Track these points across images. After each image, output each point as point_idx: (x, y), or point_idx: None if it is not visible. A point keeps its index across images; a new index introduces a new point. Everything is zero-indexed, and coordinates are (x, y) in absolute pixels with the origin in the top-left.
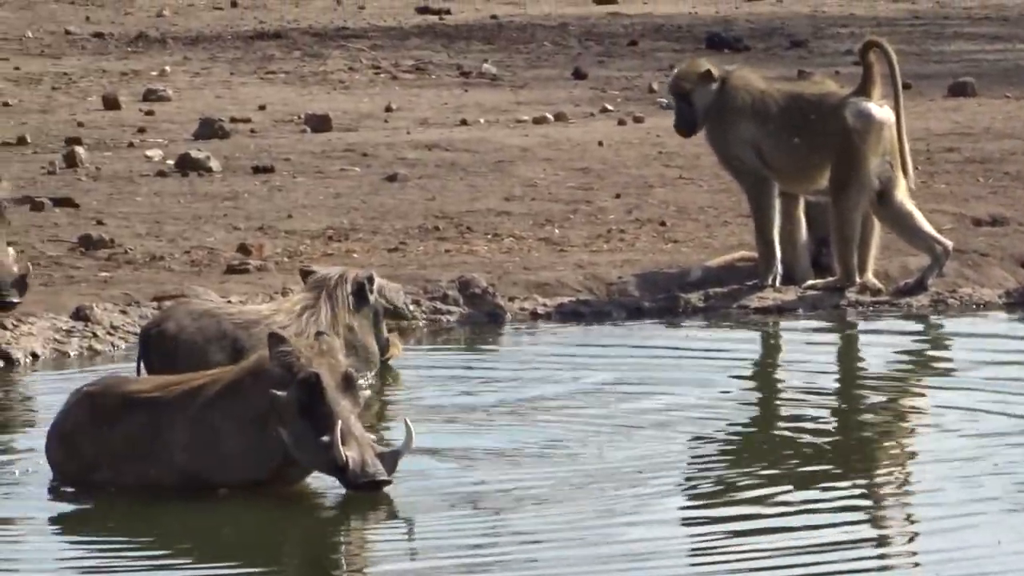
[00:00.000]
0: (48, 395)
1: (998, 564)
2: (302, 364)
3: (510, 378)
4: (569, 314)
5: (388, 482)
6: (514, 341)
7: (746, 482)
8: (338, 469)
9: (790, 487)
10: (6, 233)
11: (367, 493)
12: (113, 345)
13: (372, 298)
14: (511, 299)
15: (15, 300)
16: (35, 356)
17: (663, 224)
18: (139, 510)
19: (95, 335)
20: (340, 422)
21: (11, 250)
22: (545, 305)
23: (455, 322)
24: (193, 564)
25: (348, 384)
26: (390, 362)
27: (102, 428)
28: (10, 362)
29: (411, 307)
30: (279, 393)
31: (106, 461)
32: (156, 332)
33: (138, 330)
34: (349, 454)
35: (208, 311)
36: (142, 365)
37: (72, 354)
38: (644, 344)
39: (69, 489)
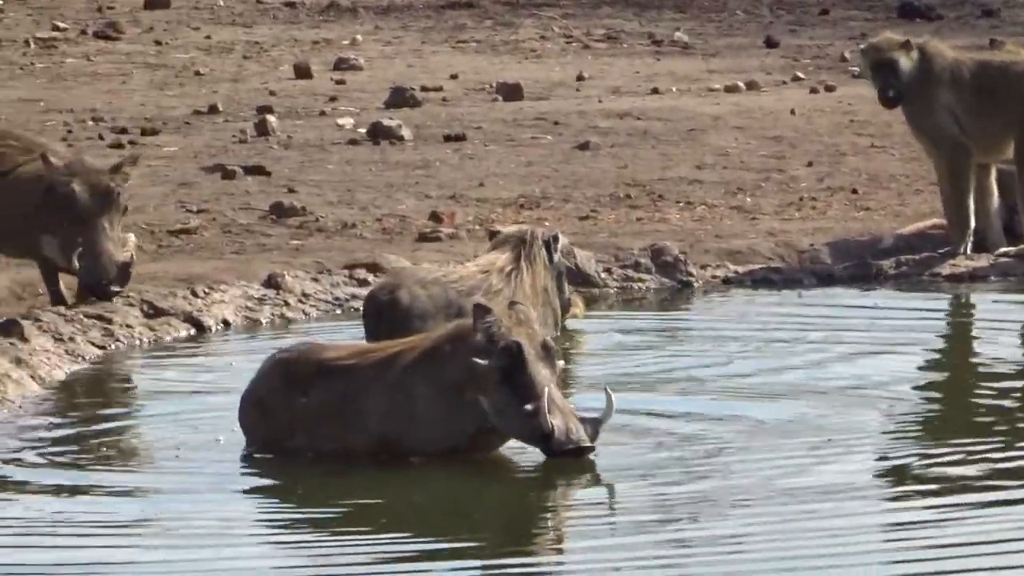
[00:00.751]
0: (241, 362)
1: None
2: (503, 333)
3: (701, 347)
4: (760, 281)
5: (591, 449)
6: (706, 308)
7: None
8: (543, 437)
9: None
10: (120, 220)
11: (571, 459)
12: (304, 313)
13: (556, 257)
14: (702, 267)
15: (115, 289)
16: (226, 324)
17: (855, 192)
18: (332, 479)
19: (286, 303)
20: (546, 390)
21: (131, 236)
22: (736, 272)
23: (646, 290)
24: (390, 534)
25: (546, 352)
26: (569, 322)
27: (296, 394)
28: (201, 329)
29: (602, 275)
30: (481, 361)
31: (301, 427)
32: (388, 300)
33: (330, 298)
34: (554, 422)
35: (435, 279)
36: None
37: (263, 322)
38: (837, 310)
39: (264, 456)
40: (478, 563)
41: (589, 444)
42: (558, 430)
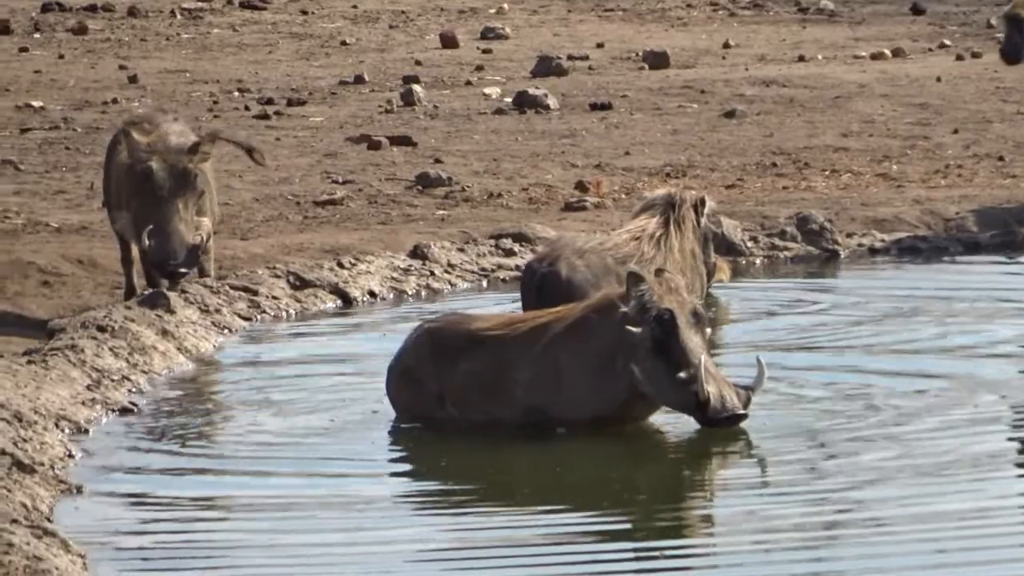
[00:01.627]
0: (391, 332)
1: None
2: (655, 301)
3: (850, 316)
4: (907, 250)
5: (745, 417)
6: (855, 276)
7: None
8: (698, 405)
9: None
10: (195, 204)
11: (724, 427)
12: (451, 284)
13: (703, 221)
14: (848, 235)
15: (184, 271)
16: (372, 295)
17: (1001, 159)
18: (477, 451)
19: (432, 273)
20: (701, 357)
21: (205, 220)
22: (883, 241)
23: (792, 258)
24: (539, 505)
25: (697, 320)
26: (714, 288)
27: (444, 365)
28: (348, 301)
29: (748, 243)
30: (634, 330)
31: (451, 398)
32: (548, 271)
33: (476, 268)
34: (709, 390)
35: (591, 247)
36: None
37: (409, 292)
38: (984, 278)
39: (413, 426)
40: (624, 542)
41: (743, 412)
42: (713, 398)
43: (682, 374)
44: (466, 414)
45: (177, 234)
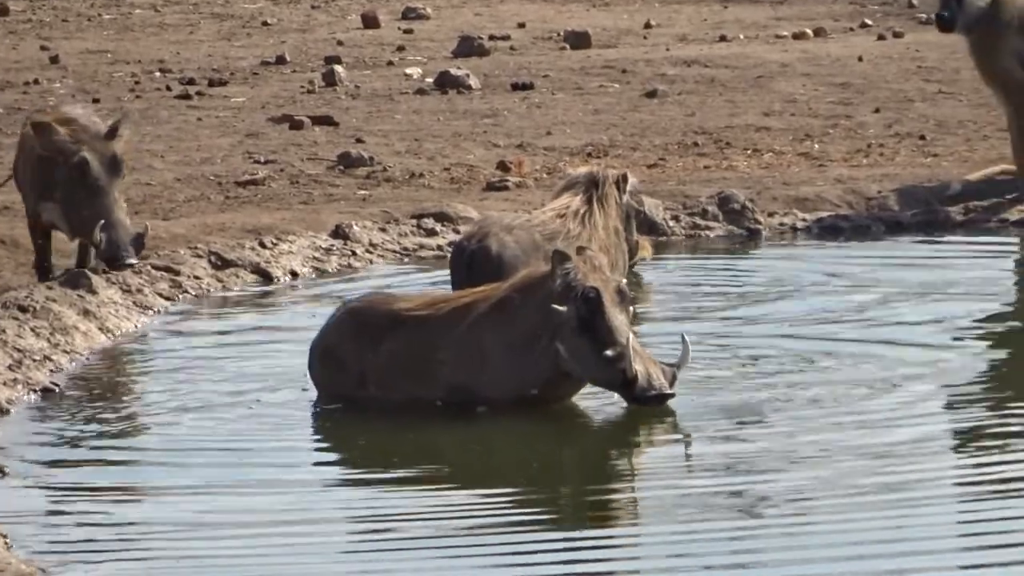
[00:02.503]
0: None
1: None
2: (579, 280)
3: (766, 291)
4: (828, 229)
5: (672, 395)
6: (773, 255)
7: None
8: (625, 383)
9: None
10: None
11: (651, 406)
12: (371, 263)
13: (625, 199)
14: (770, 214)
15: (132, 261)
16: (294, 274)
17: (923, 138)
18: (398, 429)
19: (354, 253)
20: (628, 335)
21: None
22: (804, 220)
23: (714, 237)
24: (457, 486)
25: (621, 298)
26: (635, 268)
27: (367, 345)
28: (269, 280)
29: (669, 222)
30: (559, 308)
31: (373, 378)
32: (479, 248)
33: (398, 247)
34: (636, 368)
35: (520, 224)
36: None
37: (331, 272)
38: (904, 258)
39: (334, 407)
40: (547, 523)
41: (670, 392)
42: (640, 376)
43: (609, 352)
44: (388, 394)
45: (123, 226)
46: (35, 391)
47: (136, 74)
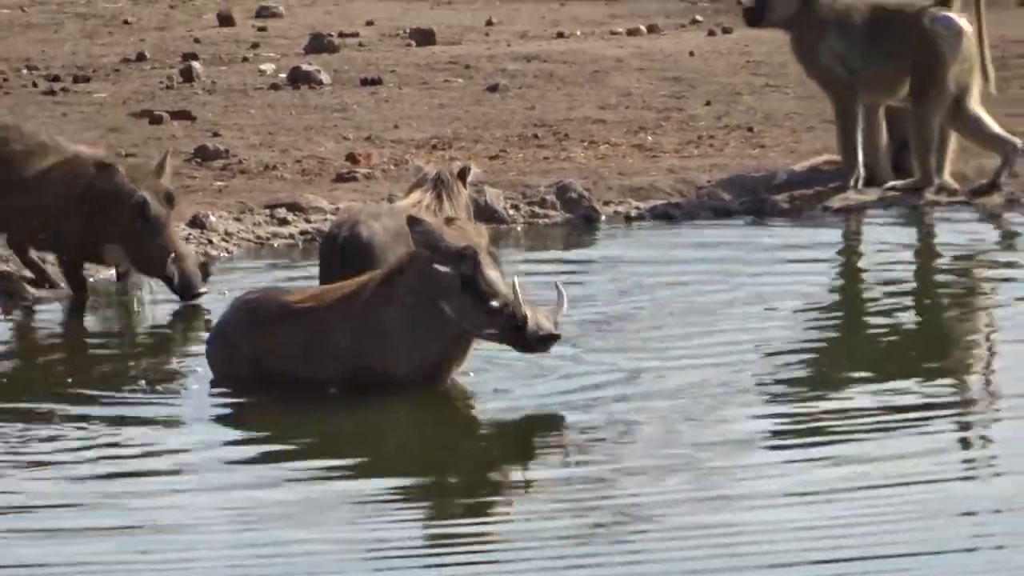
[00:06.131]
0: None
1: None
2: (454, 241)
3: (604, 278)
4: (661, 216)
5: (559, 336)
6: (610, 242)
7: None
8: (516, 328)
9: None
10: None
11: (542, 351)
12: (227, 251)
13: (467, 189)
14: (606, 203)
15: (204, 291)
16: None
17: (751, 130)
18: (290, 415)
19: (211, 242)
20: (513, 281)
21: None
22: (638, 208)
23: (552, 224)
24: (345, 471)
25: (493, 256)
26: None
27: (262, 336)
28: None
29: (509, 211)
30: (443, 269)
31: (269, 367)
32: (350, 235)
33: (252, 236)
34: (526, 311)
35: (385, 211)
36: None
37: None
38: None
39: (226, 389)
40: (430, 508)
41: (558, 332)
42: (530, 320)
43: (495, 303)
44: (285, 383)
45: (191, 259)
46: None
47: (4, 71)
